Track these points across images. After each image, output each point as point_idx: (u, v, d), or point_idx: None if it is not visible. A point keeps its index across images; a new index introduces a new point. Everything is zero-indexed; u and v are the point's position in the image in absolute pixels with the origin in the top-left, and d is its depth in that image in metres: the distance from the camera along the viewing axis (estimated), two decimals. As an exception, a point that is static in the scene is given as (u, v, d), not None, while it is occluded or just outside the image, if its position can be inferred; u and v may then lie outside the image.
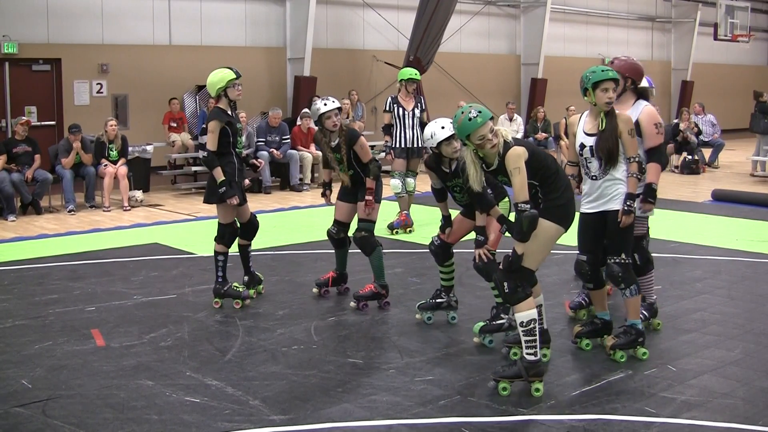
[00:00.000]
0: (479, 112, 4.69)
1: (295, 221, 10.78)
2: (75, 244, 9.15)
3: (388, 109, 9.84)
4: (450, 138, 5.44)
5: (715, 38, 23.01)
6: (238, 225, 6.71)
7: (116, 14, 14.06)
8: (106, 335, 5.84)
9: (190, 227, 10.38)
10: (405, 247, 8.91)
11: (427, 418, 4.40)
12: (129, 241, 9.35)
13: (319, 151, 9.63)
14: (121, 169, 11.79)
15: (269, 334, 5.89)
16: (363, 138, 6.55)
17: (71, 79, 13.66)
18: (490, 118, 4.72)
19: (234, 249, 6.70)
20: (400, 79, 9.91)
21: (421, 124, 9.74)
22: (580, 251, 5.44)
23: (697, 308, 6.46)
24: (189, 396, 4.71)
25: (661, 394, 4.72)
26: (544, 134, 16.79)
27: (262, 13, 16.02)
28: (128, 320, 6.21)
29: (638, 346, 5.28)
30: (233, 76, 6.45)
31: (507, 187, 5.02)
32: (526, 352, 4.74)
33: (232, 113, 6.52)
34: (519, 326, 4.75)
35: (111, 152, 11.92)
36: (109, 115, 13.26)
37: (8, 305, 6.65)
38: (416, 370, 5.12)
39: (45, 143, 12.30)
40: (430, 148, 5.61)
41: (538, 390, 4.69)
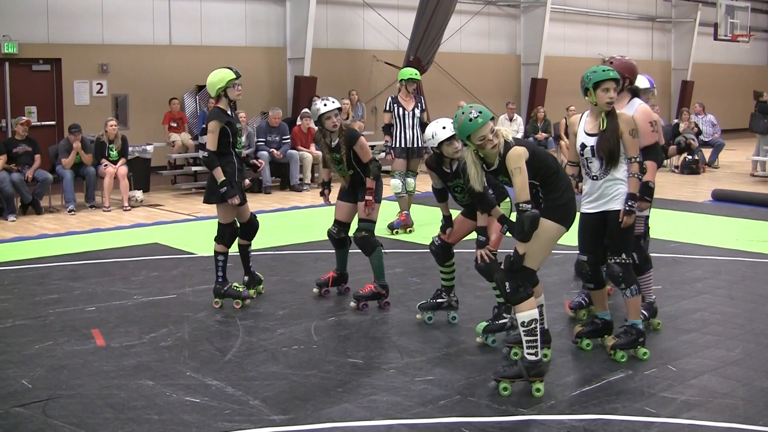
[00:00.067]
0: (480, 112, 4.69)
1: (295, 221, 10.78)
2: (75, 244, 9.15)
3: (388, 109, 9.83)
4: (451, 138, 5.44)
5: (715, 38, 23.00)
6: (238, 225, 6.71)
7: (116, 14, 14.05)
8: (106, 335, 5.84)
9: (190, 227, 10.38)
10: (405, 247, 8.90)
11: (427, 418, 4.39)
12: (129, 241, 9.35)
13: (319, 151, 9.63)
14: (121, 169, 11.79)
15: (269, 334, 5.89)
16: (363, 138, 6.55)
17: (71, 79, 13.65)
18: (491, 119, 4.73)
19: (234, 249, 6.70)
20: (400, 79, 9.90)
21: (422, 124, 9.74)
22: (580, 251, 5.44)
23: (697, 308, 6.45)
24: (189, 396, 4.71)
25: (661, 394, 4.71)
26: (544, 134, 16.80)
27: (262, 13, 16.02)
28: (128, 320, 6.21)
29: (639, 346, 5.29)
30: (233, 76, 6.45)
31: (508, 187, 5.02)
32: (527, 352, 4.74)
33: (232, 113, 6.51)
34: (520, 326, 4.75)
35: (111, 152, 11.92)
36: (109, 115, 13.25)
37: (8, 305, 6.65)
38: (416, 370, 5.12)
39: (45, 143, 12.30)
40: (431, 148, 5.61)
41: (538, 390, 4.69)
